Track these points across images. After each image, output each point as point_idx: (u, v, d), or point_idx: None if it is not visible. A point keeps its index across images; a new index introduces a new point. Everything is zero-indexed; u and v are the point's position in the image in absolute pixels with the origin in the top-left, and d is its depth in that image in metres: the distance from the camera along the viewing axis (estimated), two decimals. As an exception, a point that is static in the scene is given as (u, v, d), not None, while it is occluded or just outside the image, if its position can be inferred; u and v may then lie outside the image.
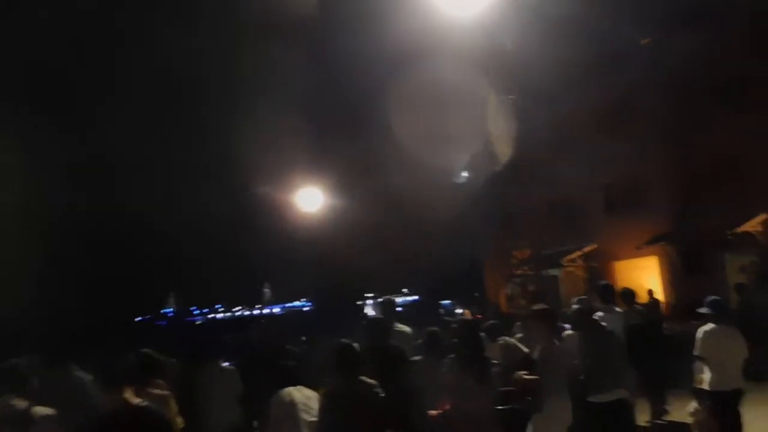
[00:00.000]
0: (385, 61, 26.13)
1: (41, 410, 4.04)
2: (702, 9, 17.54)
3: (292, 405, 5.55)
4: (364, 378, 5.00)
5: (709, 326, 6.86)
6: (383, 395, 4.93)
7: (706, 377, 6.92)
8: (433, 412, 5.93)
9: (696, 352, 6.93)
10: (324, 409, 5.01)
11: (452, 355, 5.91)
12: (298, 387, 5.74)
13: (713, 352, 6.80)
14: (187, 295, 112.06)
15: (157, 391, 4.81)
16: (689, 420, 7.48)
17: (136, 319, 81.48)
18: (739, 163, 17.26)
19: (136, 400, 3.81)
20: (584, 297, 8.51)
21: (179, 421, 4.88)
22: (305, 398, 5.61)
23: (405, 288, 67.68)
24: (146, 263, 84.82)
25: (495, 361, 7.22)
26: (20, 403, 4.02)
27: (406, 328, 7.58)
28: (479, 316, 14.76)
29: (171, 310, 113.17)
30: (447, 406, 5.73)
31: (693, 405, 7.37)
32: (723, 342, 6.79)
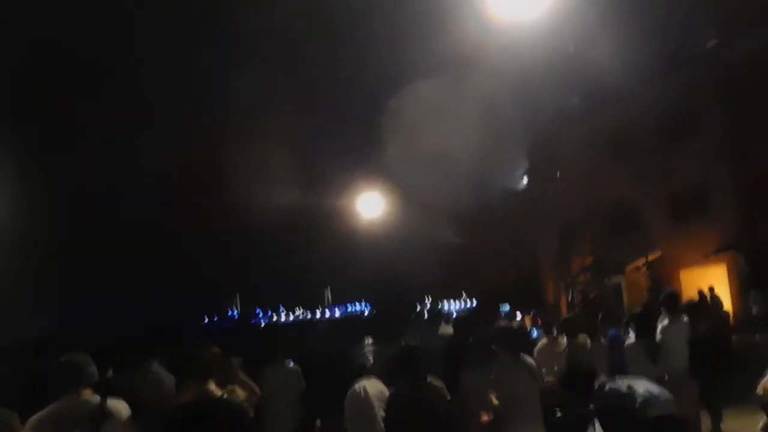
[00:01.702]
0: (446, 67, 26.14)
1: (116, 404, 4.05)
2: (763, 12, 17.01)
3: (366, 399, 5.55)
4: (431, 380, 4.93)
5: None
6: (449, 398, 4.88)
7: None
8: (485, 418, 5.93)
9: None
10: (390, 412, 4.97)
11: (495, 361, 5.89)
12: (372, 381, 5.72)
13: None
14: (251, 298, 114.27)
15: (240, 391, 5.01)
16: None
17: (203, 322, 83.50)
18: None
19: (218, 393, 3.91)
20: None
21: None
22: (379, 392, 5.58)
23: (463, 292, 67.27)
24: (213, 267, 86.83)
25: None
26: (94, 397, 4.01)
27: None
28: (540, 321, 14.59)
29: (236, 312, 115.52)
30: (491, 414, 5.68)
31: (763, 420, 7.14)
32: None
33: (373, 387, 5.67)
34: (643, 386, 6.12)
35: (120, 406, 4.06)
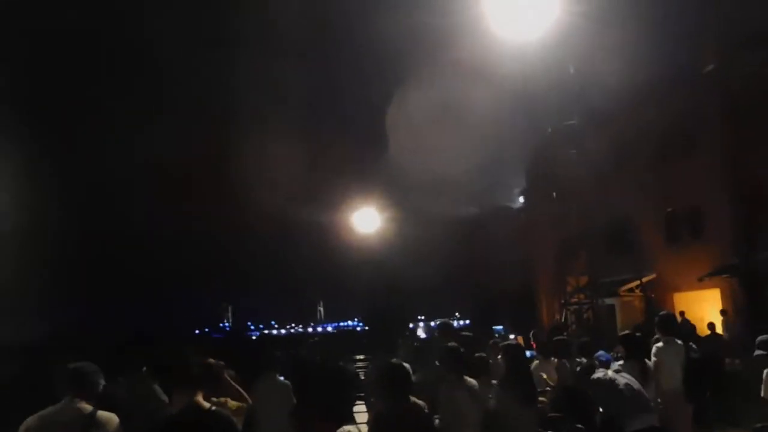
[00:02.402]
0: (445, 85, 26.25)
1: (106, 415, 4.09)
2: (764, 31, 17.16)
3: None
4: (414, 399, 4.89)
5: None
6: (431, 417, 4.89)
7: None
8: None
9: (763, 393, 6.68)
10: (375, 429, 4.86)
11: (498, 380, 5.91)
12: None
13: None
14: (243, 311, 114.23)
15: (232, 402, 4.97)
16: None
17: (195, 332, 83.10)
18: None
19: (206, 405, 3.90)
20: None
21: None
22: None
23: (457, 312, 67.15)
24: (206, 279, 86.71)
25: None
26: (86, 407, 4.07)
27: None
28: (533, 344, 14.53)
29: (228, 324, 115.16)
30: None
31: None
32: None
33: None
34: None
35: (110, 418, 4.11)
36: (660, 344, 7.96)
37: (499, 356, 8.02)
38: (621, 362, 7.75)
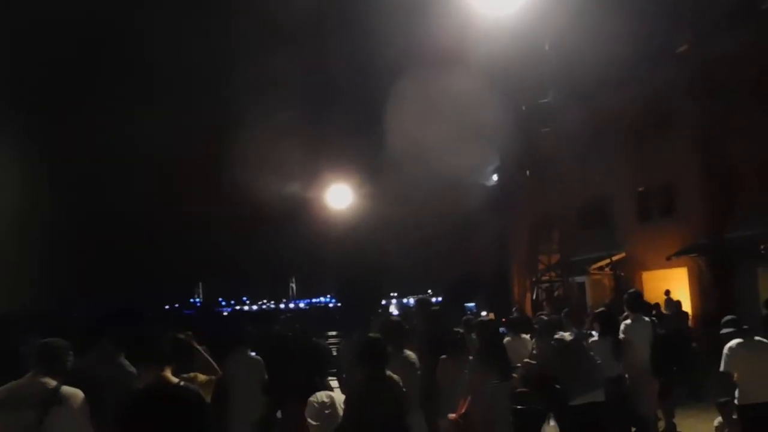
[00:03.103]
0: (418, 60, 26.12)
1: (70, 391, 4.05)
2: (739, 11, 17.32)
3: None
4: (390, 374, 5.04)
5: (735, 341, 6.76)
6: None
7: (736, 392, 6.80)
8: (452, 415, 6.01)
9: (722, 368, 6.82)
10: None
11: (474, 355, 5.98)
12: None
13: (741, 367, 6.70)
14: (215, 287, 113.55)
15: (202, 376, 4.96)
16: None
17: (165, 308, 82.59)
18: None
19: (174, 380, 3.90)
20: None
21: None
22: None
23: (430, 289, 67.58)
24: (176, 254, 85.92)
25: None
26: (50, 382, 4.03)
27: None
28: (504, 320, 14.68)
29: (198, 300, 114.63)
30: (464, 408, 5.80)
31: (718, 419, 7.28)
32: (751, 356, 6.69)
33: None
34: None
35: (74, 393, 4.05)
36: (628, 321, 8.10)
37: (473, 333, 8.11)
38: (594, 338, 7.87)
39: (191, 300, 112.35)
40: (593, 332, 8.05)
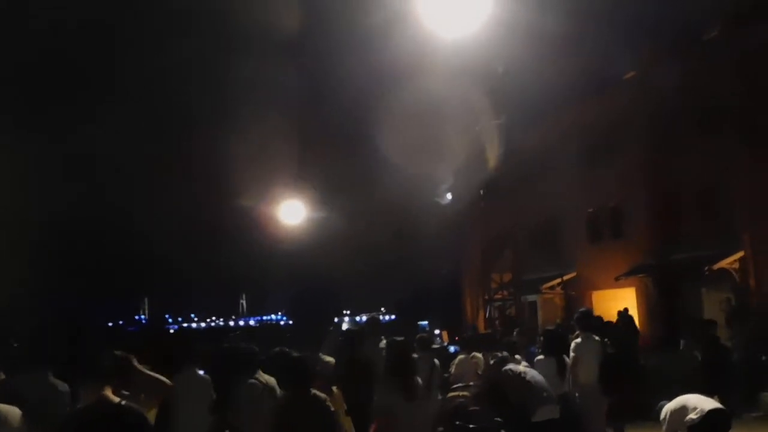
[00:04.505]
0: (374, 79, 26.20)
1: (7, 409, 3.93)
2: (686, 41, 17.90)
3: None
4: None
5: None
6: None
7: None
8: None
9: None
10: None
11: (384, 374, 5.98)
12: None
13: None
14: (161, 303, 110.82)
15: (143, 397, 4.77)
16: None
17: (108, 324, 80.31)
18: (720, 197, 17.51)
19: (116, 399, 3.76)
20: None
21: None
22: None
23: (383, 307, 67.49)
24: (120, 268, 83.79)
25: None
26: None
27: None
28: (457, 339, 14.75)
29: (144, 317, 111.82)
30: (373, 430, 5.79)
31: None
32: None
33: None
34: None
35: (11, 411, 3.93)
36: (578, 340, 8.18)
37: (426, 351, 8.08)
38: (540, 358, 7.92)
39: (136, 317, 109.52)
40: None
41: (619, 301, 20.20)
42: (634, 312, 19.85)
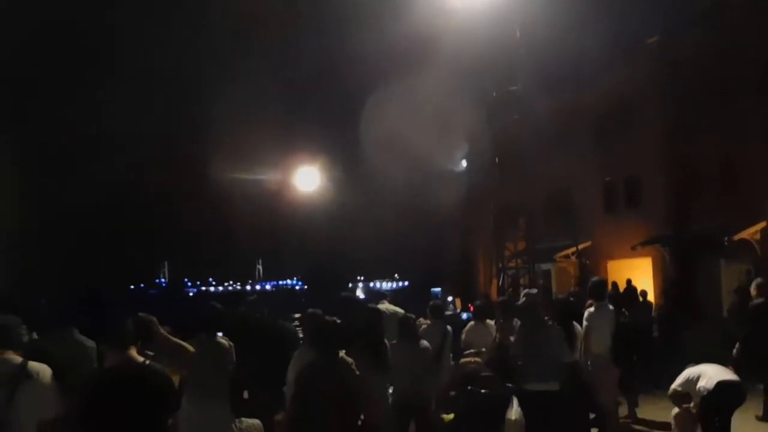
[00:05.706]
0: (391, 47, 26.02)
1: (38, 366, 3.97)
2: (706, 11, 17.55)
3: None
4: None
5: None
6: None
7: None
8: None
9: None
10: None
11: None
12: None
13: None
14: (180, 267, 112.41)
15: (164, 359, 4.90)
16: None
17: (130, 287, 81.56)
18: (740, 168, 17.29)
19: (141, 359, 3.85)
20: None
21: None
22: None
23: (396, 273, 67.87)
24: (142, 233, 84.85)
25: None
26: (16, 358, 3.94)
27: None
28: (470, 306, 14.80)
29: (164, 281, 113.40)
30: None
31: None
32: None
33: None
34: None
35: (42, 369, 3.97)
36: (591, 309, 8.20)
37: (437, 317, 8.17)
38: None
39: (156, 280, 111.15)
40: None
41: (634, 270, 20.17)
42: (649, 282, 19.82)
